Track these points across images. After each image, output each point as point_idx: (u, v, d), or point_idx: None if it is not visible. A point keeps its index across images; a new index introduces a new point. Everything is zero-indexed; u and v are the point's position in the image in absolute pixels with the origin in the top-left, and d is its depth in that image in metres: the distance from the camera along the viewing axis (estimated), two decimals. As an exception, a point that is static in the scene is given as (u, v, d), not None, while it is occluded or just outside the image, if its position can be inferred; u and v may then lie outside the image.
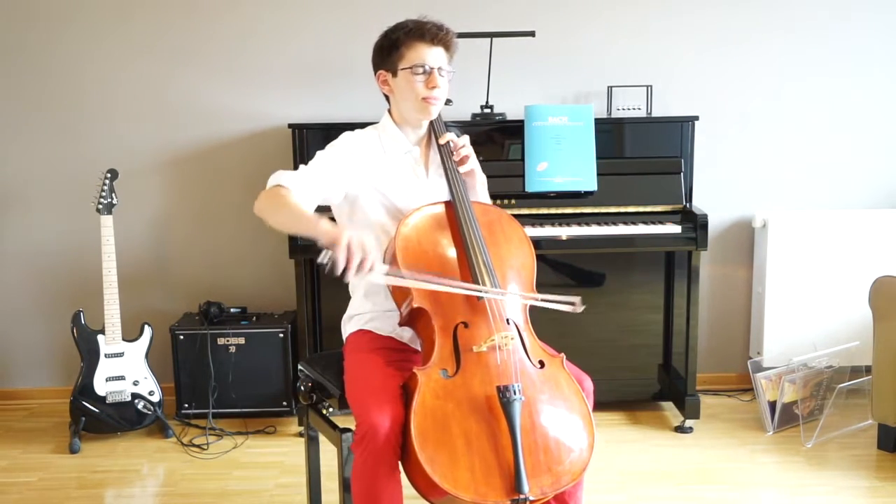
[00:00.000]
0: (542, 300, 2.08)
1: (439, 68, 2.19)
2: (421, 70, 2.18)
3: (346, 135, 2.29)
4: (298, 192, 2.10)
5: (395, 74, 2.22)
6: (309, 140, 3.35)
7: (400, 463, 1.99)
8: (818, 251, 3.55)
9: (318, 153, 2.24)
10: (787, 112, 3.68)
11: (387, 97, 2.32)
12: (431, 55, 2.18)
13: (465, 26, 3.23)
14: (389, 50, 2.21)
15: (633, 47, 3.62)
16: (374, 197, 2.25)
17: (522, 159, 3.29)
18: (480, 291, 2.07)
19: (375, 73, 2.28)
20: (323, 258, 1.88)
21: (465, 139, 2.30)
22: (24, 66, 3.59)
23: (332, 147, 2.25)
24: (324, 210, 2.21)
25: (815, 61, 3.64)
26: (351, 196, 2.25)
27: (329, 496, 2.54)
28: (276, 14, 3.58)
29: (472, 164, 2.32)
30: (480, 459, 1.90)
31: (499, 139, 3.38)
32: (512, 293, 2.14)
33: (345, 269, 1.87)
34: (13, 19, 3.56)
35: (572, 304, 2.06)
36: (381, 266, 1.96)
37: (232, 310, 3.59)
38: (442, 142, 2.28)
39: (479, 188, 2.37)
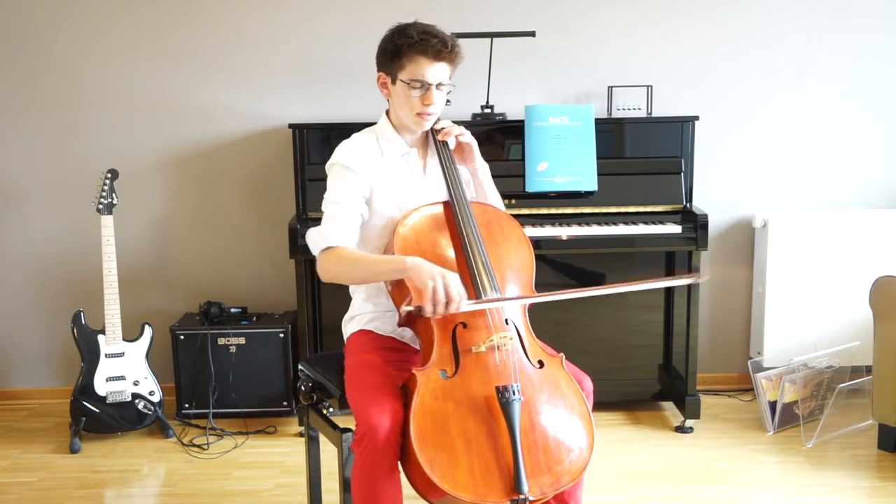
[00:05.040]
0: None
1: (439, 84, 2.16)
2: (419, 85, 2.14)
3: (342, 151, 2.24)
4: (350, 244, 2.15)
5: (393, 81, 2.19)
6: (309, 140, 3.35)
7: (399, 463, 2.00)
8: (818, 251, 3.55)
9: (331, 186, 2.20)
10: (787, 112, 3.67)
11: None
12: (432, 71, 2.14)
13: (465, 26, 3.24)
14: (392, 56, 2.17)
15: (633, 47, 3.61)
16: (376, 200, 2.24)
17: (523, 159, 3.29)
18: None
19: (378, 72, 2.25)
20: (407, 305, 1.97)
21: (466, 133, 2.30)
22: (24, 66, 3.59)
23: (337, 174, 2.20)
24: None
25: (815, 61, 3.64)
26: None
27: (329, 496, 2.55)
28: (275, 14, 3.58)
29: (468, 139, 2.30)
30: (480, 460, 1.90)
31: (499, 139, 3.38)
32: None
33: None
34: (12, 19, 3.56)
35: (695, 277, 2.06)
36: (466, 303, 1.99)
37: (232, 310, 3.59)
38: (437, 126, 2.27)
39: (481, 177, 2.35)
